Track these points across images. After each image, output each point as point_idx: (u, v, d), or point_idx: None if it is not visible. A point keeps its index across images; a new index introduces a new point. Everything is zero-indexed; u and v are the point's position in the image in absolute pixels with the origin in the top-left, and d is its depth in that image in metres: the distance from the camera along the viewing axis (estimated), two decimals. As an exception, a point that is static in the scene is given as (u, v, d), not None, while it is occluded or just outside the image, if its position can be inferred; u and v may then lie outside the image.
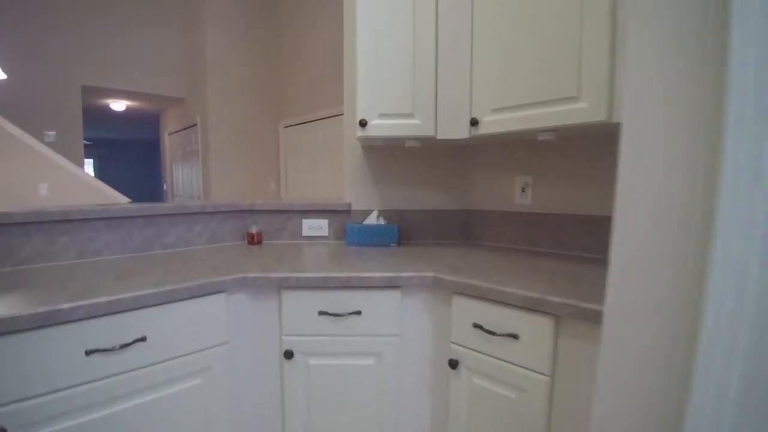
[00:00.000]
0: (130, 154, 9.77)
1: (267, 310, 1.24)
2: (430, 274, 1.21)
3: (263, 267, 1.28)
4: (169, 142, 5.80)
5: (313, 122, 4.71)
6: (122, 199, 3.89)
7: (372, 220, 1.75)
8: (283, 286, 1.21)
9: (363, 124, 1.44)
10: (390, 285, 1.21)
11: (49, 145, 3.91)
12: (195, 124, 4.92)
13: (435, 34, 1.43)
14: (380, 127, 1.46)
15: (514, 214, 1.70)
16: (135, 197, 4.09)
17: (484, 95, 1.37)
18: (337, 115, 4.31)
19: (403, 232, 1.82)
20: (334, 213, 1.81)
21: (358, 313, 1.22)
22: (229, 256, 1.48)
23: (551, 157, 1.59)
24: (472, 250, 1.61)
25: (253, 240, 1.73)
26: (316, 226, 1.80)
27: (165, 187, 6.04)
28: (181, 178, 5.53)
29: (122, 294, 0.96)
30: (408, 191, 1.84)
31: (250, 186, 4.90)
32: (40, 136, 3.98)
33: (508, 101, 1.32)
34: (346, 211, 1.81)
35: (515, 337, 1.05)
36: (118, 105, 5.24)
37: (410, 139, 1.50)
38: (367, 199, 1.82)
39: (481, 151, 1.81)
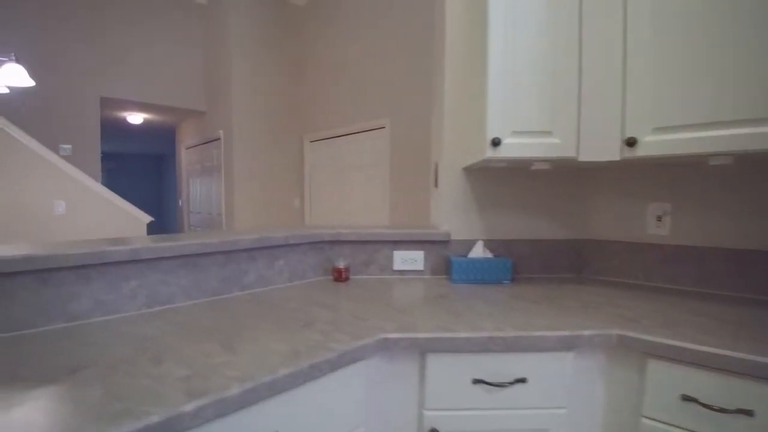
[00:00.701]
0: (138, 169, 9.47)
1: (404, 380, 0.98)
2: (614, 332, 0.96)
3: (386, 318, 1.02)
4: (185, 157, 5.54)
5: (340, 137, 4.49)
6: (144, 218, 3.61)
7: (477, 252, 1.50)
8: (429, 349, 0.95)
9: (496, 143, 1.20)
10: (563, 346, 0.96)
11: (65, 158, 3.64)
12: (216, 138, 4.68)
13: (578, 38, 1.20)
14: (514, 147, 1.22)
15: (646, 245, 1.46)
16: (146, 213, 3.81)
17: (642, 111, 1.15)
18: (368, 130, 4.10)
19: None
20: (431, 244, 1.56)
21: (523, 381, 0.96)
22: (324, 299, 1.22)
23: (695, 181, 1.36)
24: (609, 289, 1.36)
25: (340, 276, 1.47)
26: (410, 259, 1.55)
27: (180, 202, 5.76)
28: (198, 193, 5.26)
29: (254, 379, 0.70)
30: (515, 218, 1.59)
31: (274, 203, 4.64)
32: (55, 150, 3.71)
33: (675, 119, 1.10)
34: (445, 242, 1.56)
35: (749, 413, 0.80)
36: (135, 118, 4.99)
37: (544, 160, 1.27)
38: (469, 228, 1.57)
39: (604, 173, 1.58)
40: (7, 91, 2.19)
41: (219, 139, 4.58)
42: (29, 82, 2.09)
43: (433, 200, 1.80)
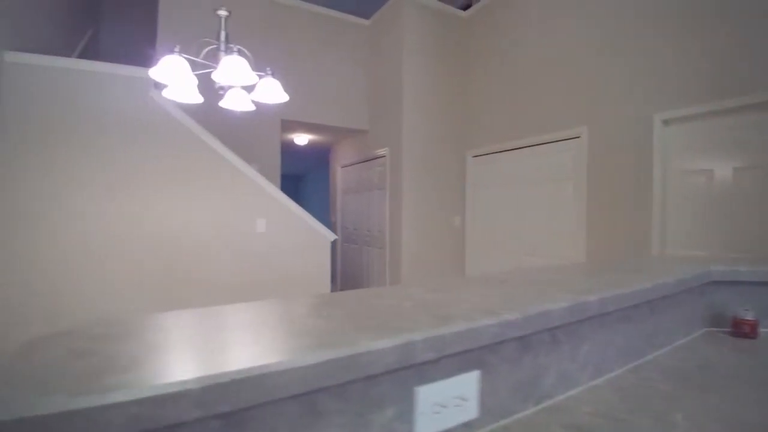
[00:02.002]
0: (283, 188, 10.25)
1: None
2: None
3: None
4: (341, 175, 5.68)
5: (510, 151, 4.12)
6: (329, 236, 3.63)
7: None
8: None
9: None
10: None
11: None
12: (379, 156, 4.67)
13: None
14: None
15: None
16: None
17: None
18: (551, 142, 3.66)
19: None
20: None
21: None
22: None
23: None
24: None
25: (742, 331, 1.06)
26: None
27: (333, 220, 5.93)
28: (353, 211, 5.31)
29: None
30: None
31: (435, 221, 4.42)
32: (247, 171, 3.96)
33: None
34: None
35: None
36: (301, 139, 5.26)
37: None
38: None
39: None
40: (253, 108, 2.24)
41: (384, 156, 4.54)
42: (284, 97, 2.11)
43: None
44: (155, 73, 1.78)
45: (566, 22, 3.53)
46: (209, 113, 3.72)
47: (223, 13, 1.92)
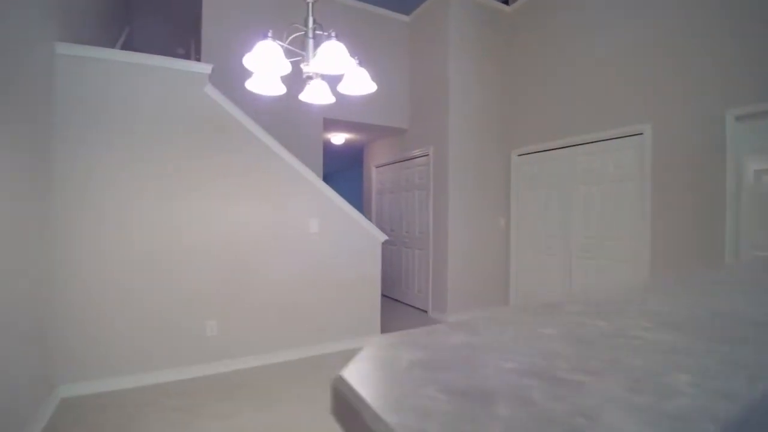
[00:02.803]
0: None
1: None
2: None
3: None
4: (376, 175, 5.58)
5: (554, 151, 4.01)
6: (380, 236, 3.53)
7: None
8: None
9: None
10: None
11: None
12: (417, 156, 4.56)
13: None
14: None
15: None
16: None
17: None
18: (593, 142, 3.55)
19: None
20: None
21: None
22: None
23: None
24: None
25: None
26: None
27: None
28: (390, 212, 5.21)
29: None
30: None
31: (480, 221, 4.31)
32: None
33: None
34: None
35: None
36: (338, 138, 5.17)
37: None
38: None
39: None
40: (333, 100, 2.13)
41: (426, 155, 4.43)
42: (372, 87, 2.00)
43: None
44: (248, 60, 1.68)
45: (625, 17, 3.41)
46: (248, 113, 3.62)
47: (310, -1, 1.82)
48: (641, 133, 3.32)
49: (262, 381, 2.71)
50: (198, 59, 3.95)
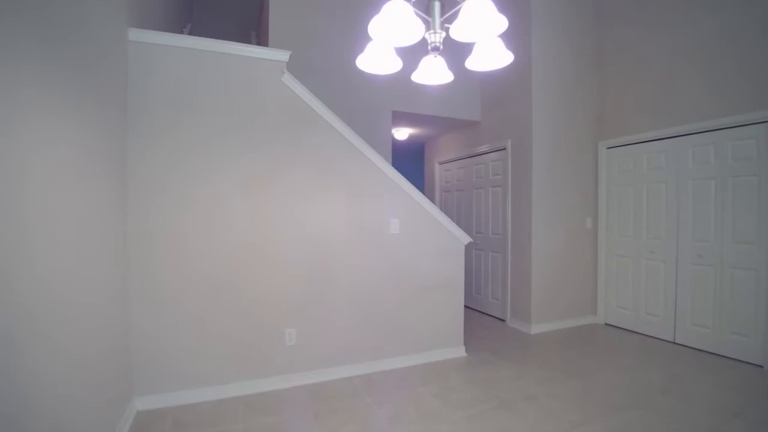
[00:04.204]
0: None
1: None
2: None
3: None
4: (439, 172, 5.24)
5: (651, 142, 3.52)
6: (464, 238, 3.18)
7: None
8: None
9: None
10: None
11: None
12: (491, 150, 4.19)
13: None
14: None
15: None
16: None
17: None
18: (702, 132, 3.05)
19: None
20: None
21: None
22: None
23: None
24: None
25: None
26: None
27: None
28: (457, 211, 4.85)
29: None
30: None
31: (564, 221, 3.88)
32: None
33: None
34: None
35: None
36: (402, 134, 4.86)
37: None
38: None
39: None
40: (452, 78, 1.83)
41: (503, 149, 4.05)
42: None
43: None
44: (374, 26, 1.38)
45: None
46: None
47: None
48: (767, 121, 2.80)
49: (345, 396, 2.44)
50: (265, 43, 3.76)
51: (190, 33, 4.67)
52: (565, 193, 3.90)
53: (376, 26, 1.40)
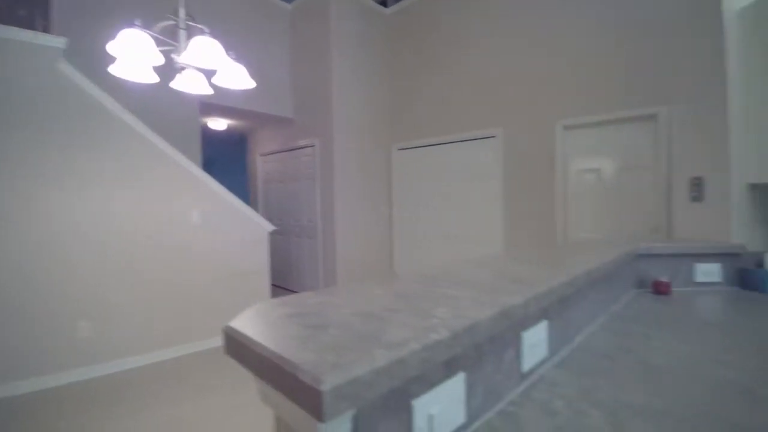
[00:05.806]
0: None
1: None
2: None
3: None
4: (261, 164, 5.45)
5: (430, 147, 4.52)
6: (267, 226, 3.55)
7: (778, 264, 1.54)
8: None
9: None
10: None
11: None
12: (303, 146, 4.65)
13: None
14: None
15: None
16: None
17: None
18: (471, 140, 4.16)
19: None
20: (725, 256, 1.60)
21: None
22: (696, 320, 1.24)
23: None
24: None
25: (661, 290, 1.49)
26: (708, 272, 1.58)
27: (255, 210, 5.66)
28: (278, 201, 5.19)
29: None
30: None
31: (365, 210, 4.61)
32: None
33: None
34: (737, 255, 1.60)
35: None
36: (218, 124, 4.89)
37: None
38: (763, 241, 1.62)
39: None
40: (211, 92, 2.13)
41: (313, 146, 4.54)
42: (250, 84, 2.04)
43: (686, 212, 1.84)
44: (113, 48, 1.58)
45: (476, 32, 3.97)
46: (111, 92, 3.26)
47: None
48: (494, 136, 3.95)
49: (148, 381, 2.57)
50: (46, 26, 3.35)
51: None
52: (365, 186, 4.63)
53: (114, 48, 1.59)
